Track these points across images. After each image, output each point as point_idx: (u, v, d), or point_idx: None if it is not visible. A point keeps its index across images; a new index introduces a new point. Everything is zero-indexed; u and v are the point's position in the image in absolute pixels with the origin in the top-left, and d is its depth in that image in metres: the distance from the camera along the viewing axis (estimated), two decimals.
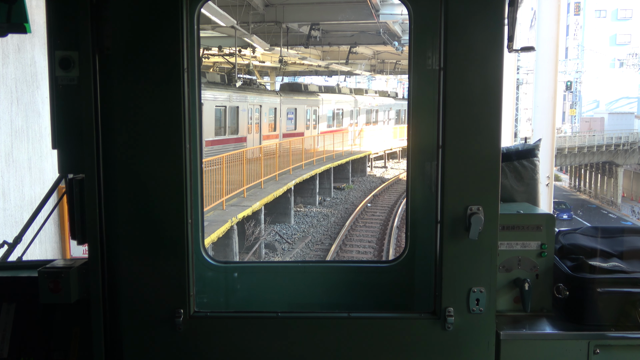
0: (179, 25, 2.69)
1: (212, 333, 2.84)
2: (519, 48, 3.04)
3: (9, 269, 3.24)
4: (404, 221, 23.37)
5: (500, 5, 2.68)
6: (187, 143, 2.74)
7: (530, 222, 3.05)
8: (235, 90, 29.15)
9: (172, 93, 2.71)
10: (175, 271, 2.78)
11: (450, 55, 2.68)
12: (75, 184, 2.76)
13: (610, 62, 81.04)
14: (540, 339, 2.90)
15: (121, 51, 2.69)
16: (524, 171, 3.38)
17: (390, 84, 75.62)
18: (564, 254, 3.17)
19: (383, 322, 2.86)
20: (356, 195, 34.03)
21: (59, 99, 2.73)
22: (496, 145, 2.71)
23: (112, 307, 2.79)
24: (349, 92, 44.97)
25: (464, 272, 2.75)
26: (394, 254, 21.21)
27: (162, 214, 2.76)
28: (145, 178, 2.75)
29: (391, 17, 27.66)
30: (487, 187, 2.72)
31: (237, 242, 20.06)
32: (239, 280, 3.47)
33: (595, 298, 2.90)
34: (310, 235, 24.85)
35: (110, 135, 2.72)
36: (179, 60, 2.70)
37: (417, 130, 3.14)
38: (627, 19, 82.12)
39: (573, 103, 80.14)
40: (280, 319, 2.85)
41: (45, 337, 2.98)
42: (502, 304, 3.04)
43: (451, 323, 2.75)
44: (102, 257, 2.75)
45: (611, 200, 57.39)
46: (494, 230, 2.74)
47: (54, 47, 2.71)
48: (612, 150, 58.12)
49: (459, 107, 2.70)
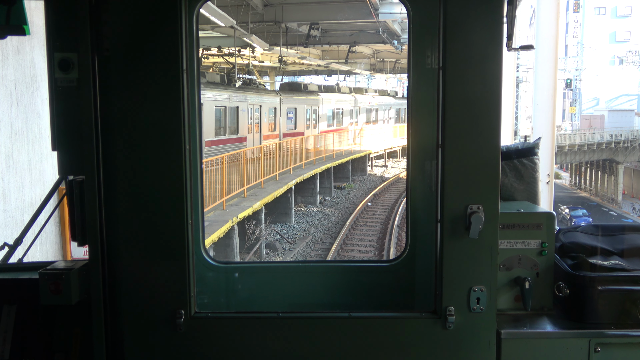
0: (177, 26, 2.69)
1: (213, 333, 2.84)
2: (518, 47, 3.04)
3: (10, 271, 3.25)
4: (404, 220, 23.38)
5: (499, 3, 2.68)
6: (186, 144, 2.74)
7: (531, 221, 3.05)
8: (235, 90, 29.15)
9: (172, 94, 2.71)
10: (176, 272, 2.78)
11: (449, 54, 2.68)
12: (76, 186, 2.76)
13: (610, 59, 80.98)
14: (541, 338, 2.90)
15: (120, 52, 2.70)
16: (524, 170, 3.38)
17: (390, 83, 75.60)
18: (565, 252, 3.17)
19: (384, 321, 2.86)
20: (356, 194, 34.03)
21: (58, 100, 2.73)
22: (496, 144, 2.72)
23: (113, 308, 2.79)
24: (349, 91, 44.97)
25: (464, 271, 2.75)
26: (394, 253, 21.21)
27: (162, 215, 2.76)
28: (145, 179, 2.75)
29: (390, 16, 27.66)
30: (487, 186, 2.72)
31: (237, 242, 20.05)
32: (240, 281, 3.47)
33: (595, 296, 2.90)
34: (311, 235, 24.85)
35: (110, 136, 2.72)
36: (178, 61, 2.70)
37: (417, 130, 3.13)
38: (626, 16, 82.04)
39: (573, 101, 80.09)
40: (281, 319, 2.85)
41: (47, 338, 2.98)
42: (503, 303, 3.04)
43: (452, 322, 2.75)
44: (103, 258, 2.75)
45: (612, 197, 57.38)
46: (494, 229, 2.74)
47: (53, 49, 2.71)
48: (613, 148, 58.10)
49: (459, 106, 2.70)
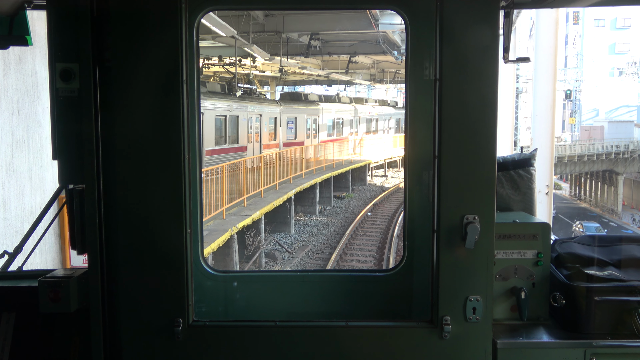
0: (178, 37, 2.73)
1: (211, 342, 2.85)
2: (514, 59, 3.08)
3: (10, 279, 3.26)
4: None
5: (495, 16, 2.71)
6: (186, 153, 2.77)
7: (527, 231, 3.07)
8: (236, 100, 29.21)
9: (172, 104, 2.74)
10: (174, 280, 2.80)
11: (445, 66, 2.72)
12: (76, 194, 2.79)
13: (609, 70, 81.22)
14: (536, 348, 2.92)
15: (121, 63, 2.73)
16: (520, 180, 3.41)
17: (390, 93, 75.75)
18: (560, 262, 3.19)
19: (380, 330, 2.88)
20: (356, 204, 34.01)
21: (59, 110, 2.76)
22: (492, 155, 2.74)
23: (112, 316, 2.81)
24: (349, 101, 45.05)
25: (460, 281, 2.77)
26: (394, 263, 21.16)
27: (161, 224, 2.79)
28: (144, 188, 2.78)
29: (390, 27, 27.75)
30: (483, 197, 2.75)
31: (237, 251, 20.02)
32: (238, 290, 3.49)
33: (591, 306, 2.91)
34: (310, 245, 24.82)
35: (110, 145, 2.75)
36: (178, 72, 2.73)
37: (414, 140, 3.16)
38: (625, 28, 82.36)
39: (573, 112, 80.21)
40: (278, 328, 2.87)
41: (45, 346, 2.99)
42: (499, 313, 3.05)
43: (448, 332, 2.77)
44: (102, 266, 2.77)
45: (612, 208, 57.34)
46: (490, 239, 2.76)
47: (54, 59, 2.75)
48: (612, 159, 58.13)
49: (455, 117, 2.73)
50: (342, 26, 28.46)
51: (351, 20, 27.33)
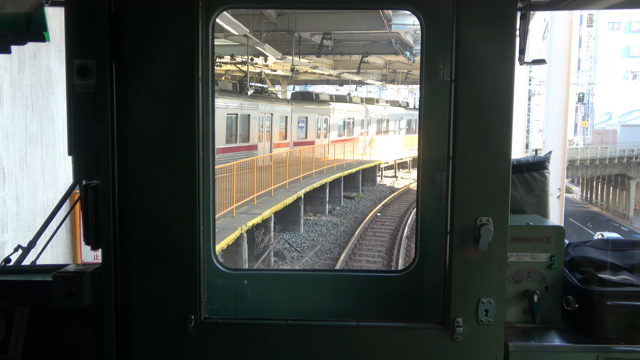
0: (194, 35, 2.74)
1: (222, 339, 2.86)
2: (530, 60, 3.06)
3: (23, 273, 3.29)
4: (413, 231, 23.29)
5: (511, 18, 2.70)
6: (200, 151, 2.78)
7: (540, 234, 3.06)
8: (247, 99, 29.26)
9: (187, 102, 2.75)
10: (187, 277, 2.81)
11: (461, 67, 2.71)
12: (90, 190, 2.80)
13: (623, 74, 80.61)
14: (548, 351, 2.90)
15: (138, 60, 2.74)
16: (534, 183, 3.39)
17: (402, 94, 75.63)
18: (574, 266, 3.17)
19: (392, 331, 2.88)
20: (366, 204, 33.97)
21: (75, 106, 2.78)
22: (506, 157, 2.73)
23: (124, 312, 2.82)
24: (360, 101, 45.01)
25: (473, 282, 2.76)
26: (403, 264, 21.13)
27: (175, 221, 2.80)
28: (159, 185, 2.79)
29: (403, 27, 27.69)
30: (497, 199, 2.74)
31: (246, 249, 20.07)
32: (249, 288, 3.49)
33: (604, 311, 2.90)
34: (319, 244, 24.83)
35: (125, 142, 2.76)
36: (194, 69, 2.74)
37: (428, 141, 3.15)
38: None
39: (585, 115, 79.65)
40: (289, 326, 2.87)
41: (58, 340, 3.01)
42: (511, 315, 3.04)
43: (460, 333, 2.76)
44: (115, 262, 2.79)
45: (623, 213, 56.89)
46: (503, 242, 2.75)
47: (71, 55, 2.76)
48: (625, 163, 57.69)
49: (470, 119, 2.72)
50: (355, 26, 28.45)
51: (364, 20, 27.31)
